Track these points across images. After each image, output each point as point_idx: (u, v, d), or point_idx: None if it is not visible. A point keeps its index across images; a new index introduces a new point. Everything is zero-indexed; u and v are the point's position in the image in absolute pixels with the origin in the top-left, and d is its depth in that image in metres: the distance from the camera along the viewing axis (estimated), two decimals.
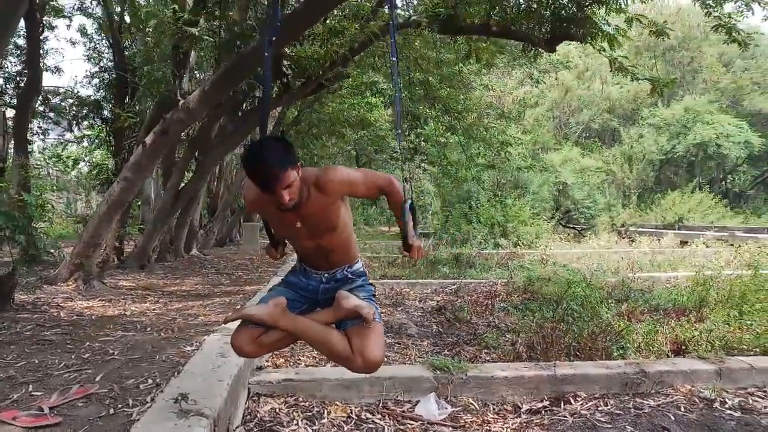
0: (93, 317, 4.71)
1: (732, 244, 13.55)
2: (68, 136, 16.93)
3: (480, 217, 17.98)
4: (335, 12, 7.60)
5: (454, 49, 10.28)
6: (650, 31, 6.96)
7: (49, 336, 4.01)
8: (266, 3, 7.95)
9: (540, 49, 7.09)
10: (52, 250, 4.97)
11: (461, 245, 14.40)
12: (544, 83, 18.20)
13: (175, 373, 3.09)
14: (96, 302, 5.35)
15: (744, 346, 4.55)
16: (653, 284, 8.52)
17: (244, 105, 9.04)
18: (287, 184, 2.13)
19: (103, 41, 11.79)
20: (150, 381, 3.01)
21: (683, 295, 7.12)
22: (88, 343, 3.81)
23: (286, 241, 2.62)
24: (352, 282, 2.48)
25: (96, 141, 14.00)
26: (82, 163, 20.12)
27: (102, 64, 11.68)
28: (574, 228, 23.24)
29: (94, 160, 19.33)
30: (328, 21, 7.42)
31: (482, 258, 12.31)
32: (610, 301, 6.85)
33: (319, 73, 7.17)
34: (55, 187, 17.69)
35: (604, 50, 6.99)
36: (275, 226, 2.51)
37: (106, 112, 11.25)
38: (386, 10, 8.65)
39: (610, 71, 7.47)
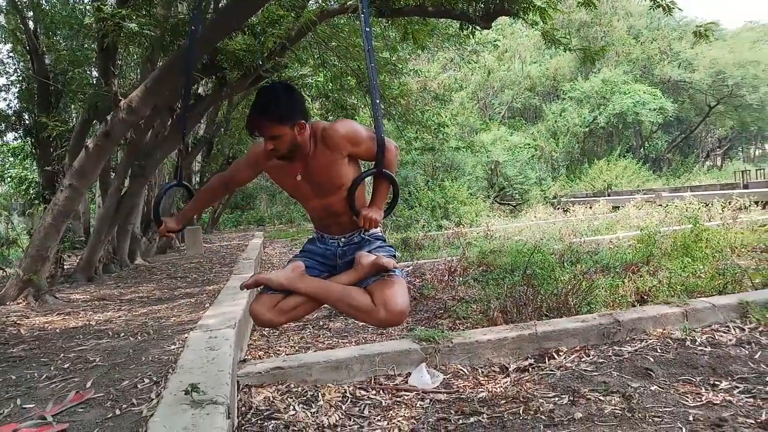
0: (57, 330, 4.51)
1: (660, 204, 14.28)
2: None
3: (420, 201, 18.22)
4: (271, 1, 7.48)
5: (382, 36, 10.32)
6: (578, 3, 7.25)
7: (17, 353, 3.82)
8: None
9: (476, 27, 7.24)
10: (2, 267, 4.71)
11: (405, 230, 14.54)
12: (475, 63, 18.50)
13: (170, 370, 3.02)
14: (55, 316, 5.10)
15: (701, 289, 4.83)
16: (598, 246, 8.90)
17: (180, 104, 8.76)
18: (271, 135, 2.14)
19: (16, 49, 11.09)
20: (146, 380, 2.92)
21: (629, 252, 7.50)
22: (62, 355, 3.65)
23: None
24: (370, 244, 2.42)
25: (20, 155, 13.19)
26: None
27: (18, 74, 10.98)
28: (509, 204, 23.85)
29: (10, 176, 18.28)
30: (262, 11, 7.30)
31: (429, 239, 12.49)
32: (564, 264, 7.13)
33: (257, 64, 7.05)
34: None
35: (536, 24, 7.23)
36: (280, 181, 2.45)
37: (27, 123, 10.60)
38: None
39: (544, 43, 7.72)
